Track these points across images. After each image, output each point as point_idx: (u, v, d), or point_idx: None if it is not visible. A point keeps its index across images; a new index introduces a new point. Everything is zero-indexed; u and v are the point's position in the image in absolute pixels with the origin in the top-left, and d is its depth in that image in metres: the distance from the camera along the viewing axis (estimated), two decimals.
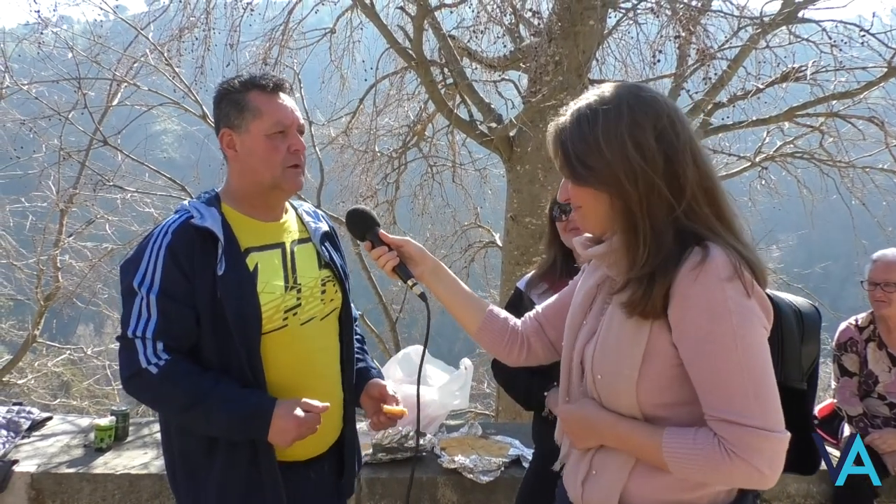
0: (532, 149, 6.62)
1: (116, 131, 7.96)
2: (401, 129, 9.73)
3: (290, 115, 1.94)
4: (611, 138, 1.37)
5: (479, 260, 10.64)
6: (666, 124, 1.38)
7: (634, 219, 1.38)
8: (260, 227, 1.98)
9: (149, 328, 1.79)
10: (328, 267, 2.10)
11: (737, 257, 1.31)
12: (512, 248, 6.97)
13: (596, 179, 1.40)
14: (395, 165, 9.66)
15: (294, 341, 1.94)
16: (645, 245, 1.36)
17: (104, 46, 7.60)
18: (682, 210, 1.36)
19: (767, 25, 6.32)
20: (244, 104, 1.90)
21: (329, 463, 2.09)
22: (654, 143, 1.36)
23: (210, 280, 1.81)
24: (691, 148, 1.39)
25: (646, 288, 1.35)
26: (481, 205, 10.38)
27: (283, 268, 1.96)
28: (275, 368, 1.89)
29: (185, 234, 1.83)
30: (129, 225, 9.19)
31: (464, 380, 3.76)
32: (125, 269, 1.87)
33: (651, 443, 1.37)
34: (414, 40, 6.19)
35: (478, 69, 7.91)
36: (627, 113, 1.38)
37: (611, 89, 1.44)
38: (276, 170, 1.91)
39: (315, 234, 2.11)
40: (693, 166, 1.37)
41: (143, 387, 1.82)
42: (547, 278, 2.50)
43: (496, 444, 3.46)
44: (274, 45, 7.72)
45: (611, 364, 1.45)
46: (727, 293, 1.29)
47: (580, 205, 1.48)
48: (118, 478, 3.05)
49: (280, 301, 1.91)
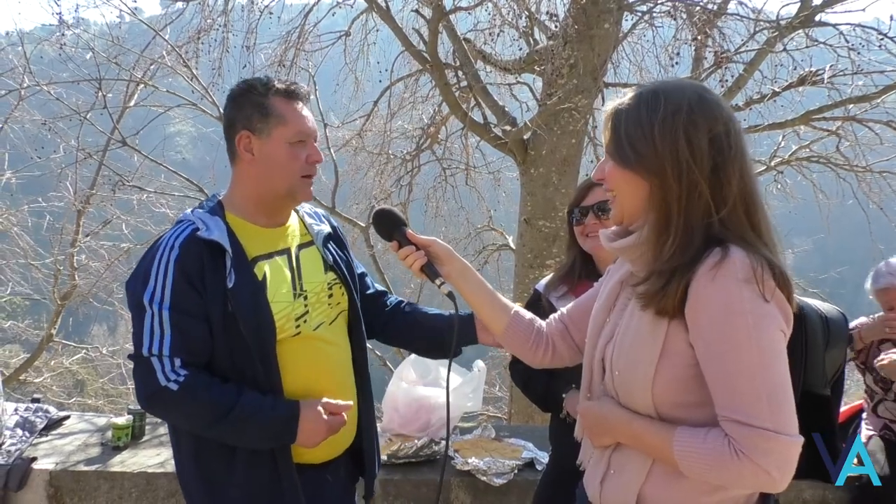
0: (546, 152, 6.61)
1: (133, 132, 8.02)
2: (414, 131, 9.74)
3: (311, 126, 1.94)
4: (666, 129, 1.37)
5: (492, 262, 10.62)
6: (721, 131, 1.38)
7: (670, 213, 1.38)
8: (265, 233, 1.96)
9: (164, 345, 1.76)
10: (333, 269, 2.08)
11: (759, 261, 1.31)
12: (525, 252, 6.96)
13: (641, 166, 1.40)
14: (409, 168, 9.68)
15: (307, 347, 1.93)
16: (675, 241, 1.37)
17: (123, 48, 7.67)
18: (720, 217, 1.36)
19: (784, 29, 6.28)
20: (268, 109, 1.88)
21: (345, 466, 2.09)
22: (706, 146, 1.37)
23: (221, 293, 1.79)
24: (741, 161, 1.39)
25: (665, 283, 1.36)
26: (495, 208, 10.37)
27: (290, 275, 1.95)
28: (290, 376, 1.88)
29: (192, 247, 1.80)
30: (144, 225, 9.27)
31: (477, 382, 3.76)
32: (133, 285, 1.83)
33: (663, 441, 1.38)
34: (429, 43, 6.20)
35: (492, 72, 7.91)
36: (687, 109, 1.38)
37: (677, 83, 1.46)
38: (293, 178, 1.90)
39: (318, 236, 2.09)
40: (739, 179, 1.38)
41: (165, 406, 1.80)
42: (566, 280, 2.51)
43: (509, 447, 3.45)
44: (290, 47, 7.76)
45: (628, 361, 1.46)
46: (744, 294, 1.28)
47: (615, 189, 1.48)
48: (135, 476, 3.07)
49: (290, 309, 1.90)
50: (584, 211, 2.40)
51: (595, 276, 2.41)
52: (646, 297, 1.39)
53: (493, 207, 10.34)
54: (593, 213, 2.38)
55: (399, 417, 3.75)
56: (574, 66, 6.02)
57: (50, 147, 8.25)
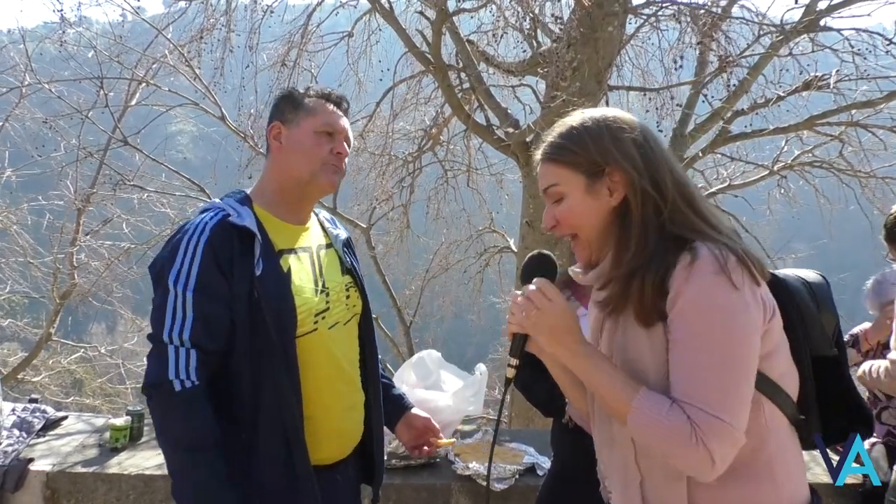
0: None
1: (135, 131, 8.01)
2: (416, 132, 9.73)
3: (342, 123, 2.00)
4: (600, 145, 1.48)
5: (493, 265, 10.61)
6: (639, 135, 1.49)
7: (630, 223, 1.45)
8: (290, 229, 1.98)
9: (185, 329, 1.74)
10: (350, 273, 2.12)
11: (724, 251, 1.36)
12: (527, 254, 6.91)
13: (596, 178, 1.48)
14: (410, 169, 9.66)
15: (323, 345, 1.93)
16: (632, 248, 1.43)
17: (125, 46, 7.65)
18: (668, 212, 1.43)
19: (789, 33, 6.26)
20: (301, 103, 1.96)
21: (353, 466, 2.10)
22: (635, 150, 1.47)
23: (248, 280, 1.78)
24: (666, 159, 1.50)
25: (625, 284, 1.42)
26: (497, 210, 10.35)
27: (312, 271, 1.97)
28: (306, 371, 1.87)
29: (223, 231, 1.80)
30: (144, 224, 9.25)
31: (478, 385, 3.74)
32: (158, 267, 1.83)
33: (621, 393, 1.39)
34: (432, 44, 6.17)
35: (495, 74, 7.89)
36: (606, 129, 1.50)
37: (581, 114, 1.57)
38: (315, 164, 1.93)
39: (336, 240, 2.13)
40: (671, 175, 1.47)
41: (159, 399, 1.76)
42: (571, 285, 2.47)
43: (511, 451, 3.43)
44: (293, 48, 7.73)
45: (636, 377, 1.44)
46: (715, 288, 1.33)
47: (574, 225, 1.52)
48: (133, 478, 3.04)
49: (312, 304, 1.91)
50: None
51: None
52: (607, 302, 1.46)
53: (495, 210, 10.33)
54: None
55: None
56: (577, 68, 6.00)
57: (51, 145, 8.23)
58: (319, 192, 2.03)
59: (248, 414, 1.81)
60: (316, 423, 1.88)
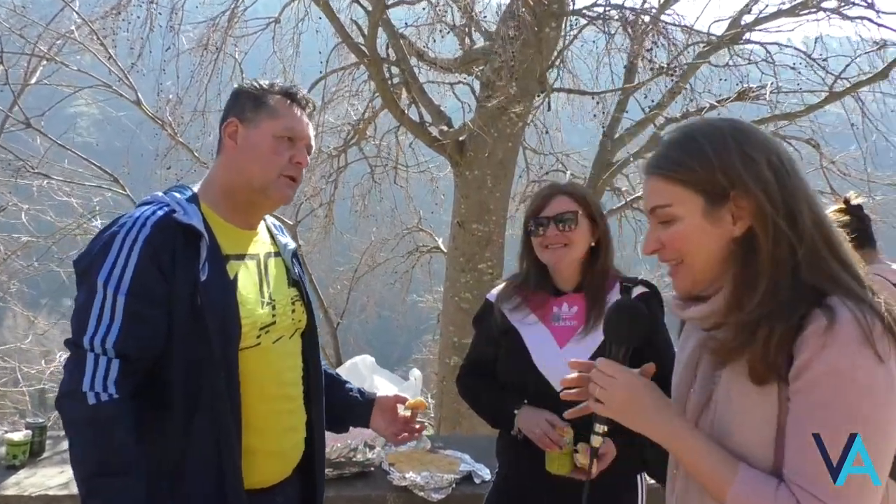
0: (482, 155, 6.54)
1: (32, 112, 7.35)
2: (343, 126, 9.49)
3: (305, 129, 1.86)
4: (727, 162, 1.25)
5: (422, 265, 10.50)
6: (775, 158, 1.26)
7: (758, 262, 1.23)
8: (238, 234, 1.84)
9: (110, 336, 1.57)
10: (296, 285, 2.00)
11: (869, 315, 1.16)
12: (457, 255, 6.86)
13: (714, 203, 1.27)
14: (336, 165, 9.42)
15: (266, 360, 1.80)
16: (760, 293, 1.22)
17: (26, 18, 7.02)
18: (802, 254, 1.21)
19: (715, 45, 6.46)
20: (264, 102, 1.81)
21: (293, 486, 1.97)
22: (771, 177, 1.24)
23: (190, 285, 1.63)
24: (805, 187, 1.27)
25: (750, 335, 1.20)
26: (427, 209, 10.24)
27: (258, 282, 1.83)
28: (247, 388, 1.73)
29: (166, 228, 1.64)
30: (44, 214, 8.53)
31: (413, 391, 3.66)
32: (84, 262, 1.64)
33: (717, 470, 1.23)
34: (368, 36, 5.98)
35: (428, 71, 7.77)
36: (735, 143, 1.26)
37: (705, 121, 1.34)
38: (270, 173, 1.79)
39: (284, 249, 2.00)
40: (808, 208, 1.25)
41: (70, 411, 1.56)
42: (520, 292, 2.39)
43: (446, 459, 3.36)
44: (217, 31, 7.33)
45: (737, 439, 1.26)
46: (857, 362, 1.14)
47: (681, 252, 1.32)
48: (33, 500, 2.76)
49: (257, 317, 1.78)
50: (545, 221, 2.28)
51: (550, 288, 2.34)
52: (720, 350, 1.25)
53: (426, 209, 10.22)
54: (555, 225, 2.26)
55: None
56: (514, 68, 5.97)
57: None
58: (270, 205, 1.90)
59: (178, 433, 1.65)
60: (254, 444, 1.75)
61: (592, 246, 2.31)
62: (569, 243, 2.24)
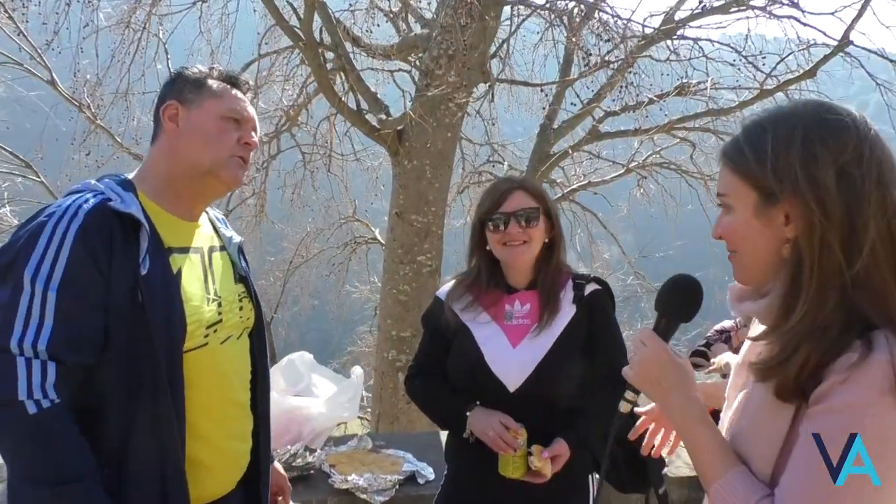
0: (421, 144, 6.42)
1: None
2: (275, 112, 9.19)
3: (250, 111, 1.79)
4: (781, 168, 1.12)
5: (359, 256, 10.31)
6: (851, 159, 1.10)
7: (801, 271, 1.12)
8: (181, 225, 1.72)
9: (42, 337, 1.42)
10: (243, 281, 1.90)
11: None
12: (396, 246, 6.74)
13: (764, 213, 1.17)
14: (269, 152, 9.11)
15: (213, 362, 1.70)
16: (805, 303, 1.11)
17: None
18: (852, 275, 1.08)
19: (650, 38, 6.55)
20: (204, 84, 1.74)
21: (237, 500, 1.87)
22: (834, 182, 1.09)
23: (130, 279, 1.50)
24: (883, 194, 1.10)
25: (790, 354, 1.11)
26: (363, 199, 10.05)
27: (203, 277, 1.73)
28: (192, 392, 1.61)
29: (102, 218, 1.50)
30: None
31: (354, 390, 3.58)
32: (7, 256, 1.48)
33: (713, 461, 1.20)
34: (304, 20, 5.74)
35: (364, 57, 7.58)
36: (802, 139, 1.12)
37: (788, 108, 1.21)
38: (220, 153, 1.70)
39: (230, 242, 1.90)
40: (879, 218, 1.09)
41: (7, 425, 1.42)
42: (472, 289, 2.31)
43: (388, 459, 3.28)
44: (140, 7, 6.89)
45: (745, 446, 1.22)
46: (871, 409, 1.04)
47: (736, 246, 1.25)
48: None
49: (203, 314, 1.67)
50: (505, 218, 2.20)
51: (503, 286, 2.28)
52: (766, 367, 1.15)
53: (362, 199, 10.02)
54: (516, 221, 2.19)
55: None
56: (453, 57, 5.87)
57: None
58: (221, 187, 1.79)
59: (117, 442, 1.53)
60: (199, 454, 1.65)
61: (546, 242, 2.26)
62: (528, 241, 2.19)
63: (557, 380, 2.14)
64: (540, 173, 7.59)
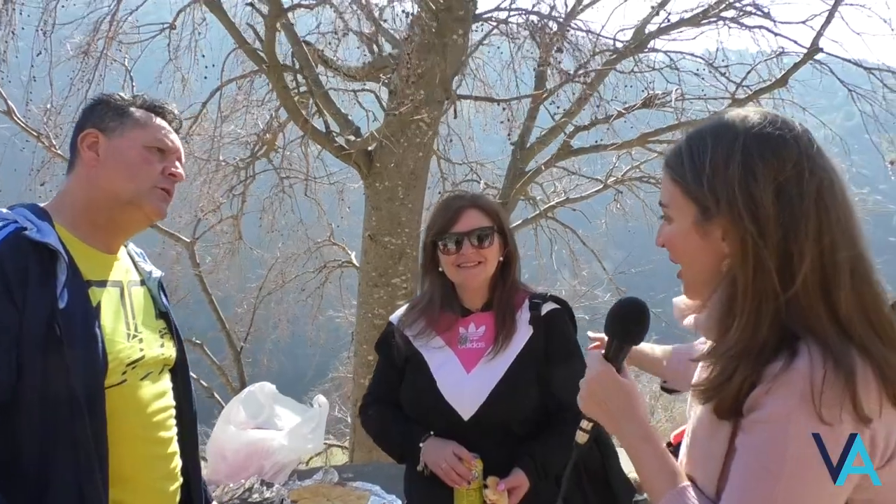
0: (393, 165, 6.32)
1: None
2: (249, 137, 9.08)
3: (175, 142, 1.76)
4: (719, 178, 1.08)
5: (334, 280, 10.15)
6: (792, 176, 1.06)
7: (735, 290, 1.09)
8: (98, 258, 1.66)
9: None
10: (164, 316, 1.85)
11: (834, 368, 1.01)
12: (370, 269, 6.61)
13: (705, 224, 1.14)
14: (242, 177, 8.99)
15: (134, 399, 1.64)
16: (740, 323, 1.08)
17: None
18: (791, 295, 1.05)
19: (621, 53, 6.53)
20: (127, 113, 1.70)
21: None
22: (771, 201, 1.05)
23: (46, 313, 1.43)
24: (823, 214, 1.06)
25: (728, 376, 1.08)
26: (337, 222, 9.92)
27: (123, 312, 1.67)
28: (114, 432, 1.54)
29: (16, 248, 1.44)
30: None
31: (317, 420, 3.47)
32: None
33: (657, 479, 1.18)
34: (266, 41, 5.66)
35: (334, 78, 7.51)
36: (741, 155, 1.08)
37: (731, 117, 1.15)
38: (143, 183, 1.66)
39: (149, 277, 1.85)
40: (816, 241, 1.05)
41: None
42: (425, 314, 2.19)
43: (354, 493, 3.18)
44: (100, 37, 6.76)
45: (691, 467, 1.21)
46: (791, 416, 1.02)
47: (676, 258, 1.23)
48: None
49: (124, 351, 1.61)
50: (458, 238, 2.08)
51: (457, 308, 2.18)
52: (708, 391, 1.12)
53: (336, 222, 9.90)
54: (470, 242, 2.07)
55: (227, 466, 3.35)
56: (423, 75, 5.80)
57: None
58: (143, 219, 1.74)
59: (32, 487, 1.44)
60: (123, 497, 1.58)
61: (500, 261, 2.15)
62: (483, 261, 2.10)
63: (513, 405, 2.04)
64: (515, 191, 7.51)
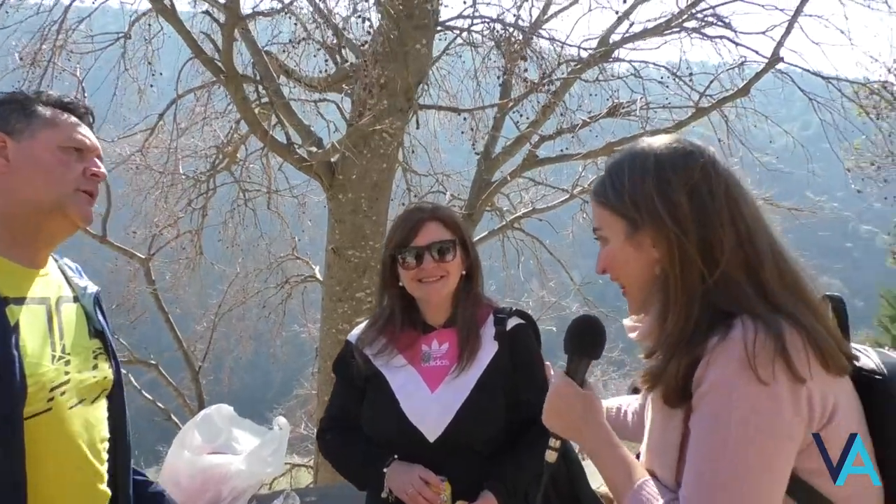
0: (356, 176, 6.20)
1: None
2: (208, 149, 8.86)
3: (91, 139, 1.63)
4: (639, 196, 1.26)
5: (297, 295, 9.94)
6: (699, 179, 1.24)
7: (667, 287, 1.24)
8: (18, 272, 1.54)
9: None
10: (99, 336, 1.71)
11: (764, 334, 1.12)
12: (333, 283, 6.47)
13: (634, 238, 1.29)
14: (202, 190, 8.76)
15: (61, 430, 1.51)
16: (675, 315, 1.22)
17: None
18: (713, 280, 1.20)
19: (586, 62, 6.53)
20: (34, 112, 1.58)
21: None
22: (686, 202, 1.23)
23: None
24: (732, 208, 1.24)
25: (667, 362, 1.21)
26: (299, 236, 9.72)
27: (48, 331, 1.54)
28: (36, 465, 1.43)
29: None
30: None
31: (278, 442, 3.28)
32: None
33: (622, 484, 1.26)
34: (223, 51, 5.49)
35: (296, 88, 7.37)
36: (653, 170, 1.26)
37: (643, 144, 1.34)
38: (65, 187, 1.55)
39: (84, 293, 1.72)
40: (732, 230, 1.22)
41: None
42: (385, 331, 2.08)
43: None
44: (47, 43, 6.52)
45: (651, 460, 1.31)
46: (734, 380, 1.13)
47: (618, 277, 1.37)
48: None
49: (46, 375, 1.48)
50: (418, 252, 1.99)
51: (419, 325, 2.09)
52: (649, 377, 1.25)
53: (299, 235, 9.70)
54: (431, 256, 1.98)
55: (181, 493, 3.14)
56: (385, 85, 5.70)
57: None
58: (69, 226, 1.62)
59: None
60: None
61: (463, 274, 2.06)
62: (445, 275, 2.02)
63: (481, 424, 1.95)
64: (481, 202, 7.45)
